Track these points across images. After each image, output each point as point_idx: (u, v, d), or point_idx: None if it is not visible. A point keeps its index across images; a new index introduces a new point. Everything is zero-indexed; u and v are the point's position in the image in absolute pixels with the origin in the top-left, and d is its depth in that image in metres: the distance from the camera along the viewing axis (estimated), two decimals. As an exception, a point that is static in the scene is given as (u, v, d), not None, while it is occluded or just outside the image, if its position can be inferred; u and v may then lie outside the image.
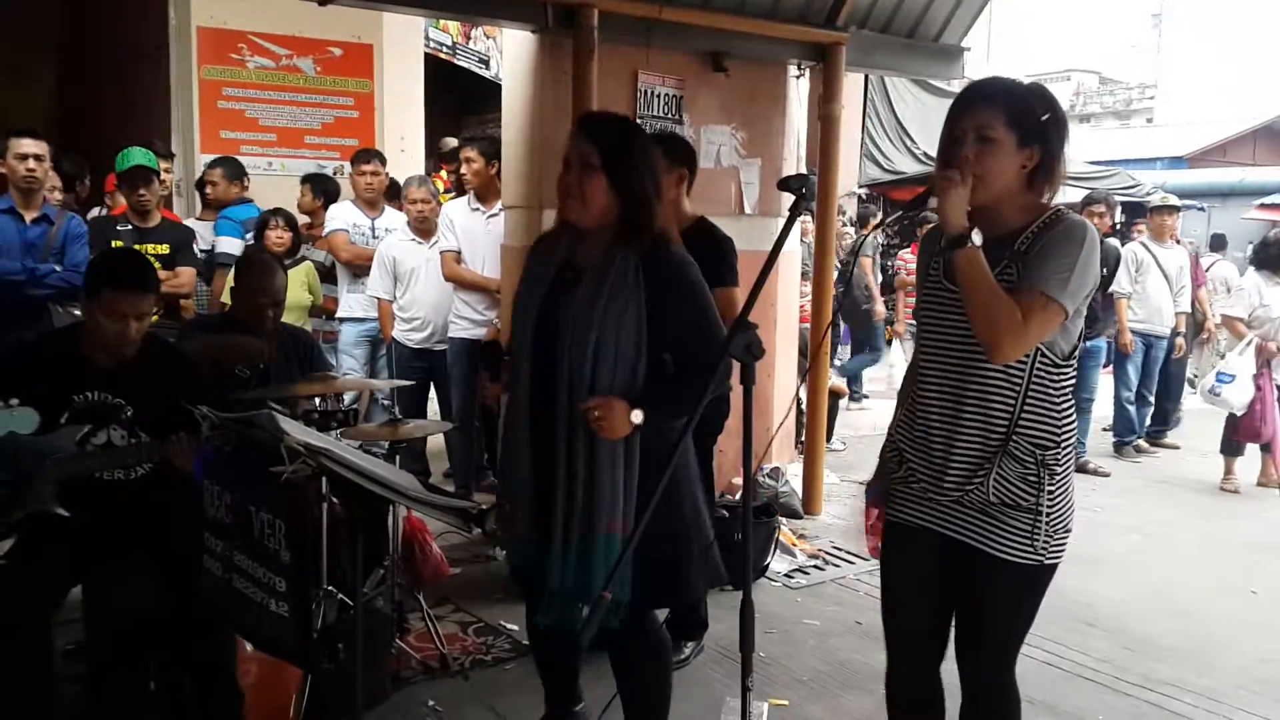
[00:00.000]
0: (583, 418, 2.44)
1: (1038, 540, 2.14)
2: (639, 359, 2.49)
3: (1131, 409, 7.69)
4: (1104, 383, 7.62)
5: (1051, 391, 2.16)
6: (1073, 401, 2.23)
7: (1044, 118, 2.14)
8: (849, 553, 5.08)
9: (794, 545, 5.01)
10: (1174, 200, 8.08)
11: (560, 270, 2.61)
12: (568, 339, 2.48)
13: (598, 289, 2.49)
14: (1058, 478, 2.16)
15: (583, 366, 2.46)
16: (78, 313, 5.39)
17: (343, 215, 5.86)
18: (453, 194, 6.49)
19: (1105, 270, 6.99)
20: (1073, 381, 2.21)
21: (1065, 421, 2.17)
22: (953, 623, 2.35)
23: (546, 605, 2.58)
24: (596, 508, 2.46)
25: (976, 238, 2.07)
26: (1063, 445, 2.17)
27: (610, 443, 2.46)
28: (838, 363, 8.71)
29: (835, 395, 6.86)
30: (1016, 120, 2.12)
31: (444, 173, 7.94)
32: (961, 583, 2.26)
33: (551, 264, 2.64)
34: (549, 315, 2.55)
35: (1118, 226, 17.76)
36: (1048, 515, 2.14)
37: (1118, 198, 17.38)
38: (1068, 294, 2.06)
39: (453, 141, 8.54)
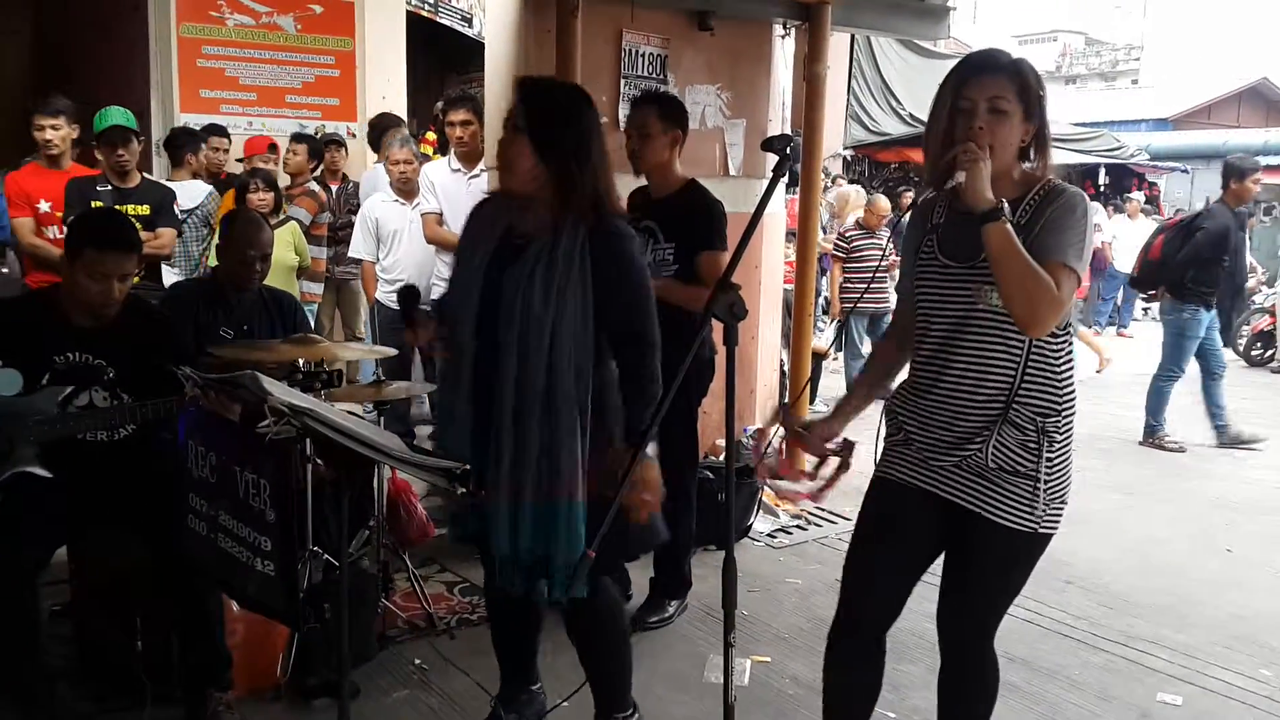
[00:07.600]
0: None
1: (1036, 507, 2.16)
2: (586, 331, 2.47)
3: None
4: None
5: (1051, 360, 2.17)
6: (1074, 369, 2.24)
7: (1040, 92, 2.18)
8: (831, 513, 5.12)
9: (777, 506, 5.05)
10: None
11: (504, 236, 2.55)
12: (518, 307, 2.44)
13: (549, 260, 2.45)
14: (1057, 445, 2.17)
15: (541, 338, 2.43)
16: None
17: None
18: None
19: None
20: (1070, 350, 2.23)
21: (1066, 390, 2.18)
22: (928, 587, 2.37)
23: (506, 572, 2.56)
24: (559, 475, 2.45)
25: (1008, 210, 2.07)
26: (1063, 414, 2.17)
27: (570, 415, 2.45)
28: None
29: (818, 357, 6.88)
30: (1023, 93, 2.15)
31: (431, 133, 7.83)
32: (955, 545, 2.28)
33: (497, 228, 2.57)
34: (494, 282, 2.51)
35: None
36: (1046, 483, 2.16)
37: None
38: (1082, 263, 2.10)
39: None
